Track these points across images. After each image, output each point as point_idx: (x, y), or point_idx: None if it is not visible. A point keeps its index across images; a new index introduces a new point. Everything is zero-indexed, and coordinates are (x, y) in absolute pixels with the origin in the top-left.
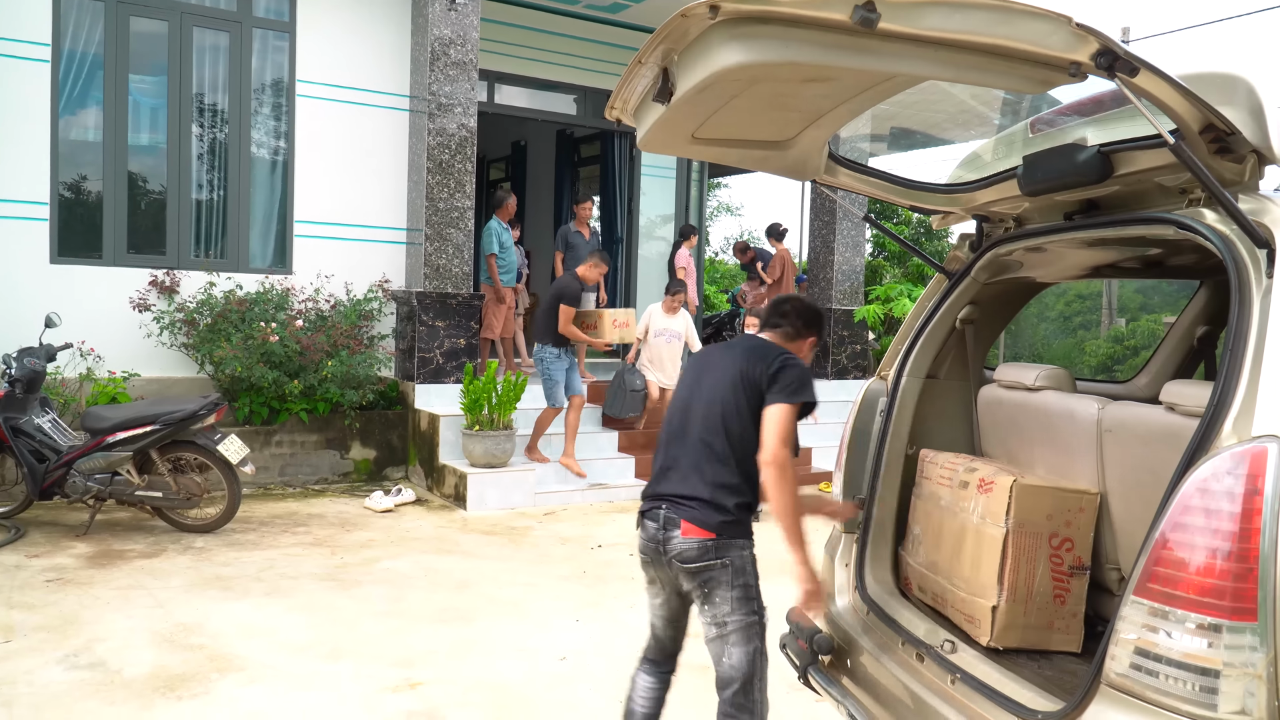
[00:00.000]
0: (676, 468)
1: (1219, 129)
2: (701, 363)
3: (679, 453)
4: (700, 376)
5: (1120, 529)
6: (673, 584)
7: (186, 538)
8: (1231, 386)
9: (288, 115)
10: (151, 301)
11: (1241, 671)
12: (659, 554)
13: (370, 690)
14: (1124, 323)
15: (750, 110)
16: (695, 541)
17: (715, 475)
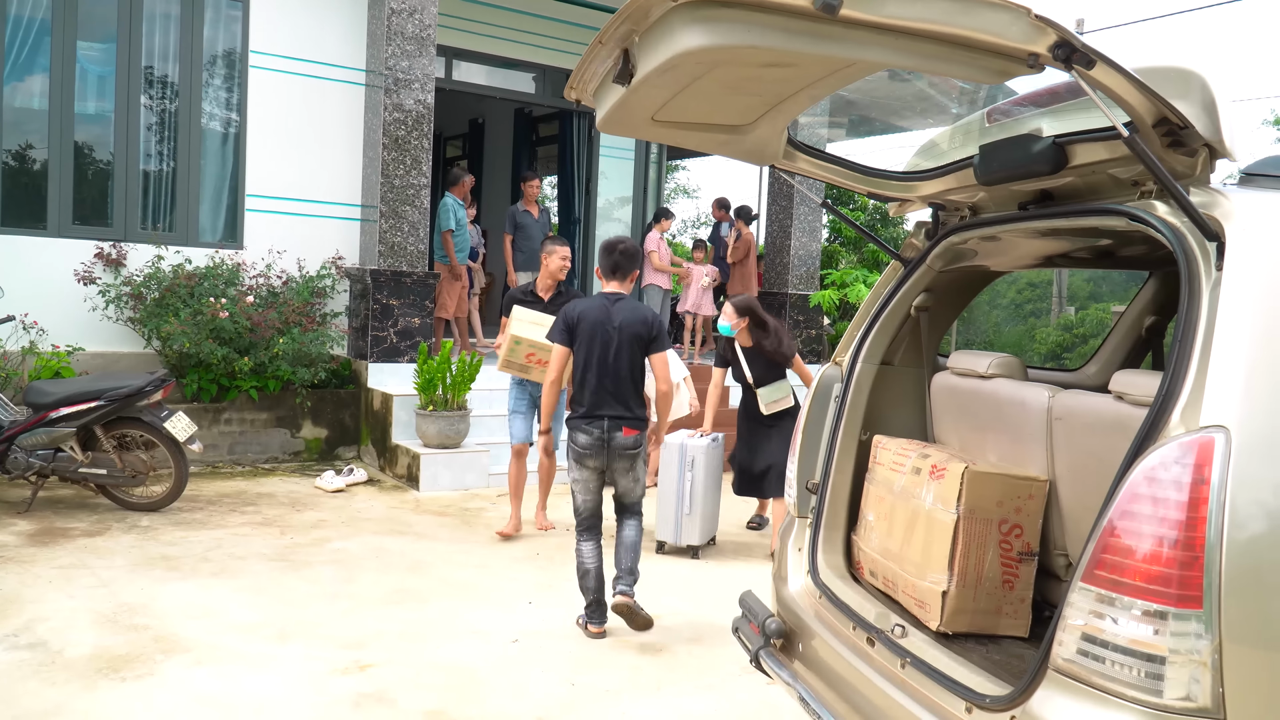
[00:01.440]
0: (608, 398)
1: (1172, 122)
2: (593, 327)
3: (609, 387)
4: (598, 337)
5: (1069, 516)
6: (605, 466)
7: (132, 516)
8: (1180, 377)
9: (240, 86)
10: (97, 274)
11: (1187, 658)
12: (603, 447)
13: (319, 672)
14: (1073, 311)
15: (711, 94)
16: (632, 438)
17: (634, 400)
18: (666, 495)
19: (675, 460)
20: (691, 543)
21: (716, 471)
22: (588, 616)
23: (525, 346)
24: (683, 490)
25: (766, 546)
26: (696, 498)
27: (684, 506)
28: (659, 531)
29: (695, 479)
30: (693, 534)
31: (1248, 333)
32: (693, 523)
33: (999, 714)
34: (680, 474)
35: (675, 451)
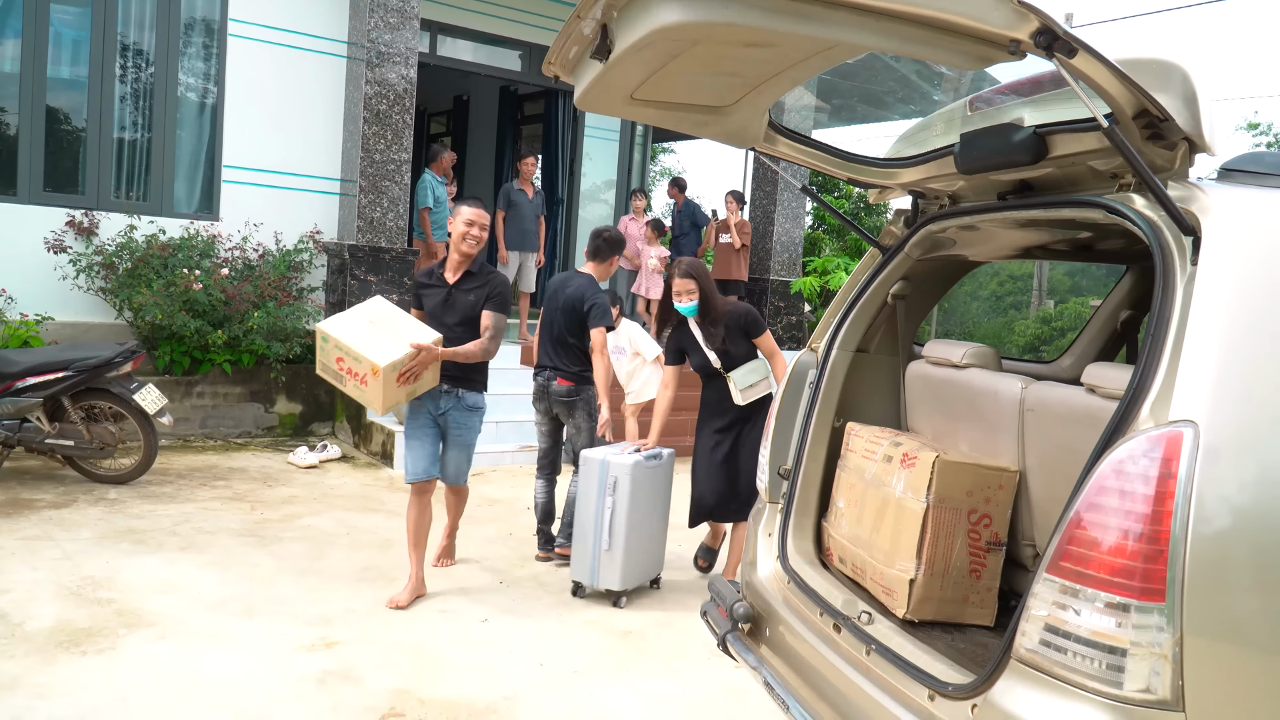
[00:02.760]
0: (548, 355)
1: (1152, 115)
2: (550, 298)
3: (548, 347)
4: (550, 306)
5: (1038, 506)
6: (551, 411)
7: (99, 489)
8: (1151, 371)
9: (218, 55)
10: (68, 243)
11: (1148, 651)
12: (545, 393)
13: (285, 649)
14: (1053, 305)
15: (690, 73)
16: (565, 387)
17: (568, 359)
18: (583, 525)
19: (594, 480)
20: (610, 587)
21: (656, 496)
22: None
23: (334, 348)
24: (601, 520)
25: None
26: (618, 530)
27: (602, 541)
28: (574, 569)
29: (617, 506)
30: (611, 576)
31: (1220, 328)
32: (612, 562)
33: (961, 702)
34: (599, 498)
35: (594, 469)
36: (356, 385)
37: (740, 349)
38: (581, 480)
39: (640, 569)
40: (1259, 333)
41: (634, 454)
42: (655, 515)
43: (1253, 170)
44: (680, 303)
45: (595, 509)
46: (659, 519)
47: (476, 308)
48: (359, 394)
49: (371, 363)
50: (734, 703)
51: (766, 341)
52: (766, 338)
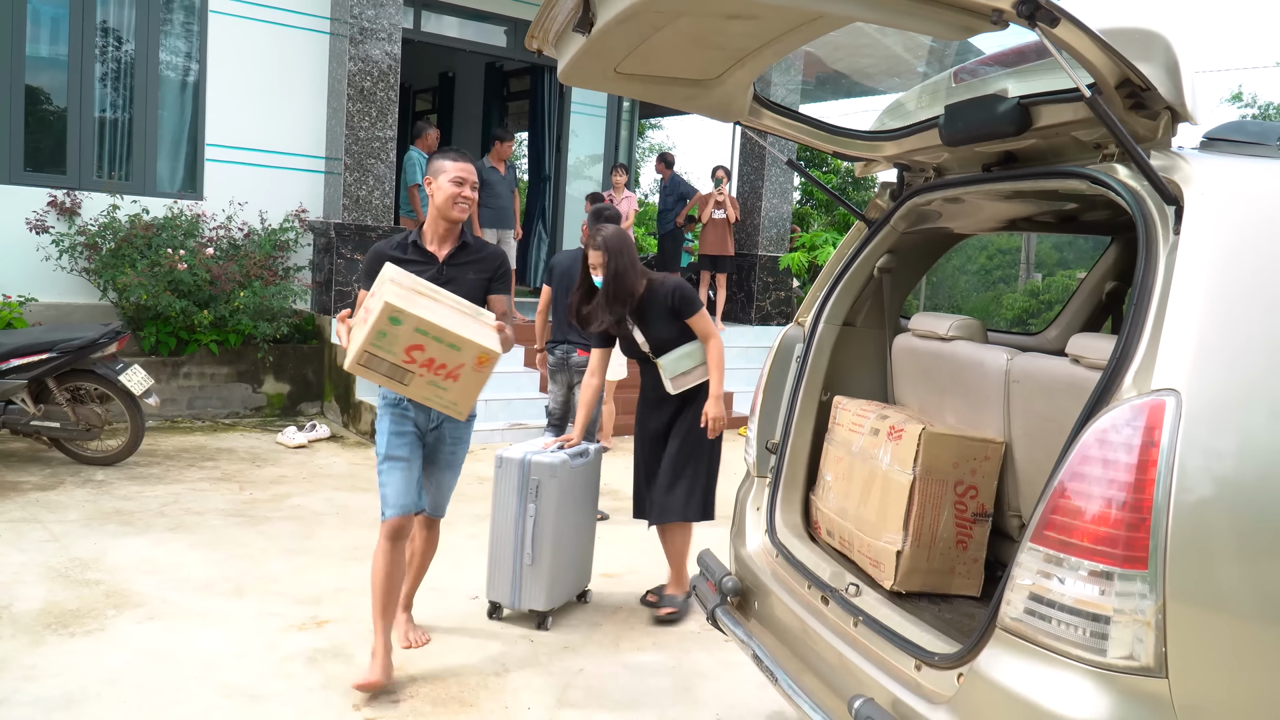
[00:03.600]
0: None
1: (1135, 84)
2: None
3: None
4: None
5: (1023, 477)
6: (571, 382)
7: (86, 470)
8: (1134, 341)
9: (199, 33)
10: (50, 223)
11: (1131, 618)
12: (566, 365)
13: (274, 628)
14: (1040, 277)
15: (674, 46)
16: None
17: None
18: (500, 535)
19: (512, 484)
20: (535, 607)
21: (584, 500)
22: None
23: (410, 333)
24: (521, 530)
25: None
26: (543, 541)
27: (523, 554)
28: (489, 588)
29: (541, 514)
30: (536, 595)
31: (1202, 297)
32: (537, 578)
33: (947, 671)
34: (519, 505)
35: (513, 471)
36: (432, 382)
37: (669, 331)
38: (498, 483)
39: (567, 584)
40: (1241, 301)
41: (558, 452)
42: (583, 521)
43: (1235, 139)
44: (596, 276)
45: (515, 517)
46: (587, 525)
47: (479, 288)
48: (433, 394)
49: (480, 349)
50: (724, 674)
51: (700, 323)
52: (700, 319)
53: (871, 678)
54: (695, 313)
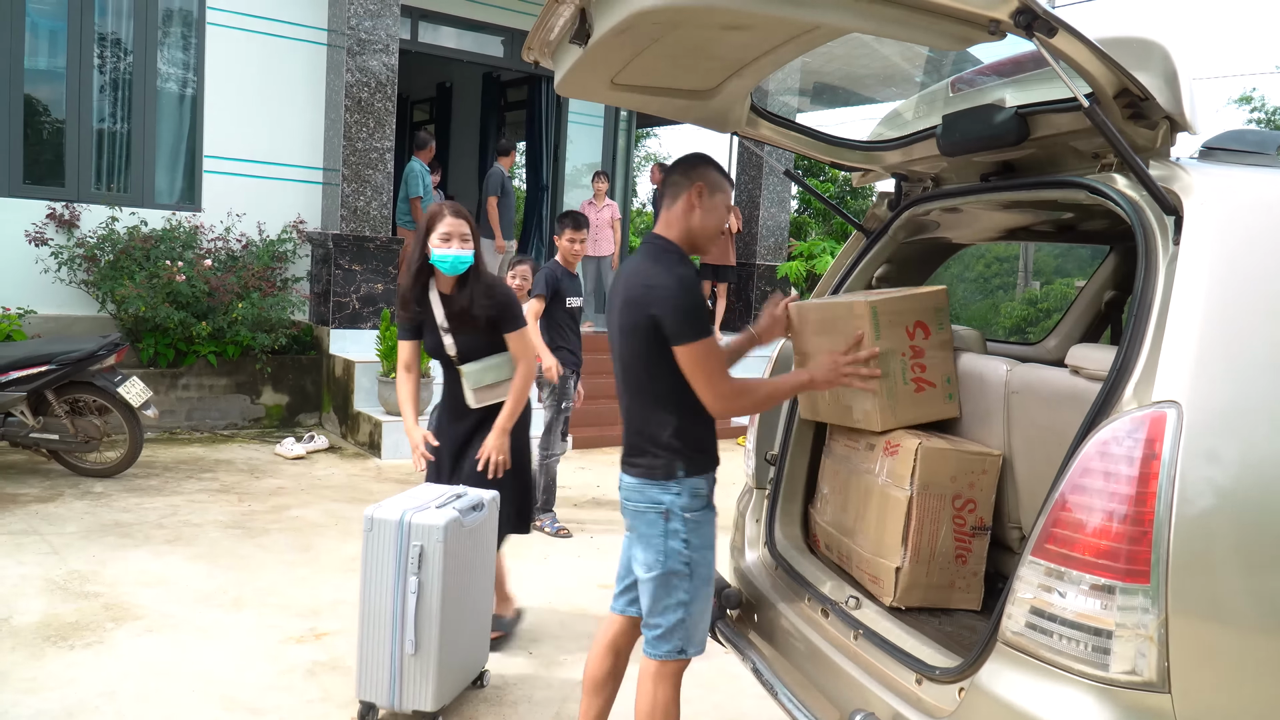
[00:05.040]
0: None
1: (1133, 94)
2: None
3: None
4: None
5: (1023, 489)
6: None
7: (85, 482)
8: (1134, 352)
9: (197, 45)
10: (49, 235)
11: (1133, 632)
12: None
13: (274, 640)
14: (1038, 286)
15: (671, 57)
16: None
17: None
18: (371, 618)
19: (387, 551)
20: (421, 708)
21: (479, 564)
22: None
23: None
24: (400, 610)
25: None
26: (428, 624)
27: (403, 642)
28: (360, 686)
29: (425, 589)
30: (421, 691)
31: (1202, 308)
32: (421, 671)
33: (948, 686)
34: (396, 579)
35: (388, 536)
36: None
37: (488, 339)
38: (368, 550)
39: (461, 671)
40: (1242, 312)
41: (445, 505)
42: (478, 591)
43: (1234, 149)
44: (450, 249)
45: (392, 594)
46: (483, 594)
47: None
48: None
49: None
50: (724, 686)
51: (517, 342)
52: (520, 337)
53: (872, 691)
54: (515, 329)
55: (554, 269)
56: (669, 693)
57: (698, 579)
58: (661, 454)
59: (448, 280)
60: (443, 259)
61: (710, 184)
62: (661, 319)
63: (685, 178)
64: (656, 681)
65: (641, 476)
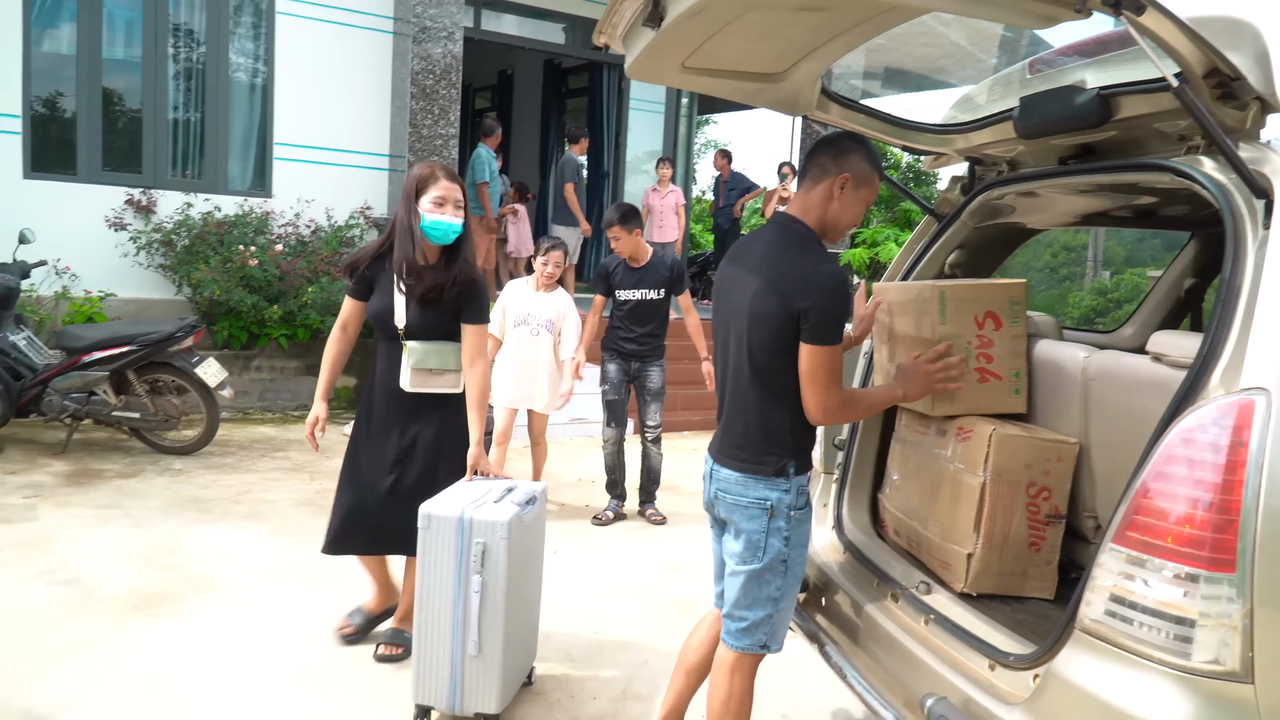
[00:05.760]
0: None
1: (1223, 74)
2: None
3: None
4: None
5: (1100, 477)
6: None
7: (164, 459)
8: (1222, 338)
9: (267, 34)
10: (128, 220)
11: (1217, 622)
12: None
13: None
14: (1108, 276)
15: (743, 40)
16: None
17: None
18: (430, 620)
19: (447, 550)
20: (485, 710)
21: (533, 559)
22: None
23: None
24: (462, 612)
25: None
26: (492, 625)
27: (465, 641)
28: (417, 689)
29: (489, 589)
30: (485, 693)
31: None
32: (484, 673)
33: (1022, 672)
34: (457, 579)
35: (447, 534)
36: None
37: (446, 323)
38: (426, 550)
39: (519, 670)
40: None
41: (502, 499)
42: (533, 586)
43: None
44: (444, 215)
45: (453, 595)
46: (536, 589)
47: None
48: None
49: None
50: (788, 669)
51: (478, 337)
52: (480, 333)
53: (943, 676)
54: (478, 323)
55: (606, 263)
56: (744, 685)
57: (791, 576)
58: (775, 450)
59: (431, 249)
60: (435, 226)
61: (858, 177)
62: (806, 314)
63: (834, 163)
64: (733, 673)
65: (748, 471)
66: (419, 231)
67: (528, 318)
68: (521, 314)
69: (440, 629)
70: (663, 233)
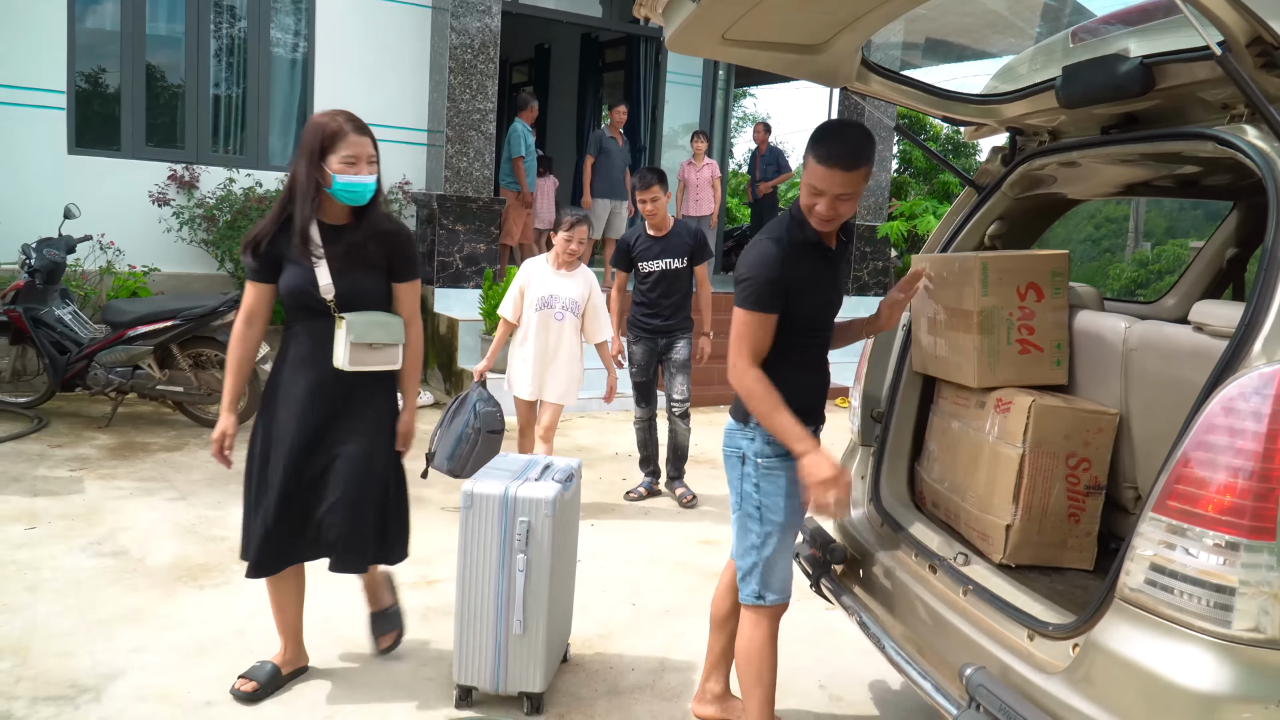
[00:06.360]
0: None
1: (1267, 42)
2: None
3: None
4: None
5: (1140, 448)
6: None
7: (207, 432)
8: (1264, 307)
9: (308, 9)
10: (171, 196)
11: (1258, 590)
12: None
13: None
14: (1149, 247)
15: (783, 11)
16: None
17: None
18: (473, 599)
19: (491, 528)
20: (529, 689)
21: (570, 536)
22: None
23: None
24: (507, 590)
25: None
26: (537, 602)
27: (510, 622)
28: (458, 669)
29: (534, 567)
30: (528, 672)
31: None
32: (528, 652)
33: (1062, 642)
34: (502, 557)
35: (491, 512)
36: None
37: (379, 286)
38: (468, 528)
39: (558, 648)
40: None
41: (542, 477)
42: (570, 562)
43: None
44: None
45: (497, 573)
46: (572, 565)
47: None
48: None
49: None
50: (826, 640)
51: (411, 295)
52: (414, 290)
53: (982, 646)
54: (410, 279)
55: (626, 236)
56: (762, 637)
57: (767, 524)
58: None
59: (340, 210)
60: (349, 187)
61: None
62: (737, 279)
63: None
64: (752, 625)
65: (731, 420)
66: (326, 194)
67: (551, 300)
68: (544, 296)
69: (484, 609)
70: (698, 206)
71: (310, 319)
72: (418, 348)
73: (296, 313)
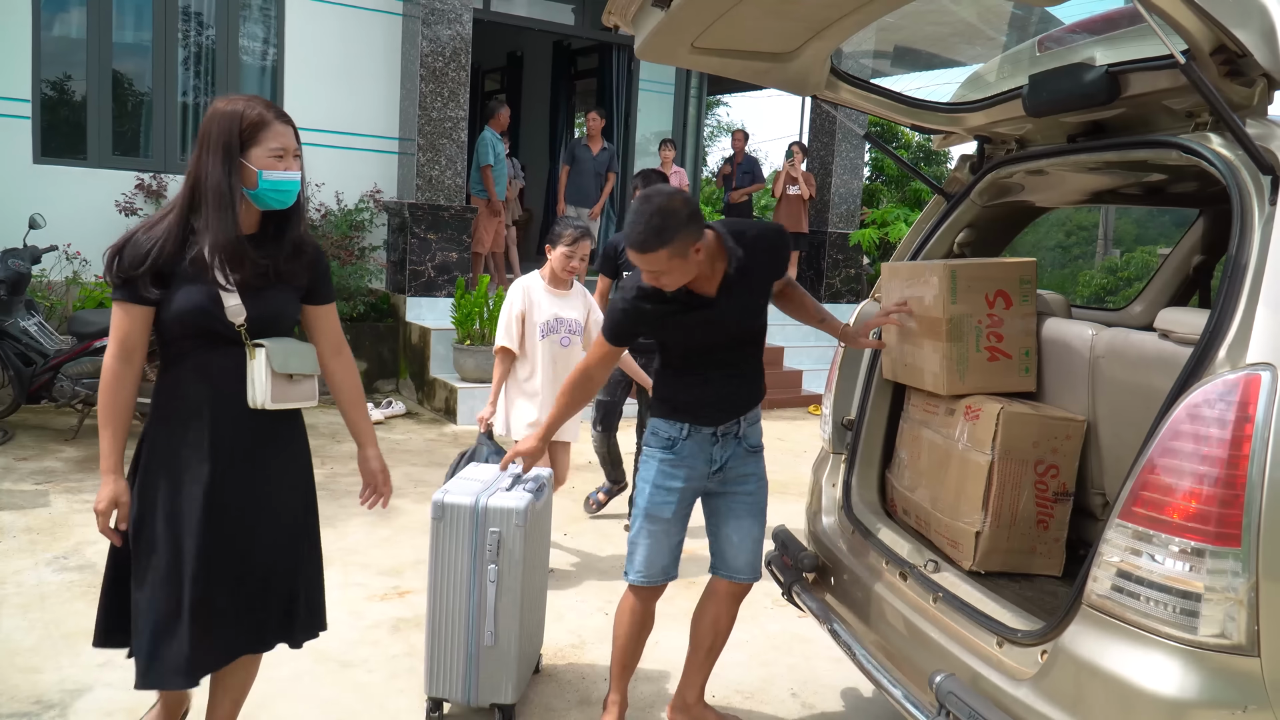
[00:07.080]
0: None
1: (1230, 50)
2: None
3: None
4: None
5: (1108, 454)
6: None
7: None
8: (1228, 314)
9: (277, 17)
10: (138, 205)
11: (1223, 596)
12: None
13: (358, 598)
14: (1119, 254)
15: (752, 19)
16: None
17: None
18: (443, 610)
19: (461, 539)
20: (500, 701)
21: (540, 548)
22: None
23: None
24: (478, 601)
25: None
26: (508, 614)
27: (480, 634)
28: (430, 682)
29: (504, 579)
30: (500, 683)
31: None
32: (499, 663)
33: (1030, 649)
34: (472, 568)
35: (462, 523)
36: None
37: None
38: (439, 540)
39: (531, 658)
40: None
41: (513, 487)
42: (541, 574)
43: None
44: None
45: (467, 584)
46: (543, 577)
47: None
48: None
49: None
50: (798, 648)
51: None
52: (332, 314)
53: (951, 654)
54: (325, 302)
55: (614, 241)
56: (624, 609)
57: (636, 508)
58: None
59: (251, 216)
60: (277, 185)
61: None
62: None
63: None
64: (622, 598)
65: None
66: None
67: (556, 324)
68: (548, 320)
69: (455, 620)
70: None
71: (207, 349)
72: (357, 379)
73: (184, 342)
